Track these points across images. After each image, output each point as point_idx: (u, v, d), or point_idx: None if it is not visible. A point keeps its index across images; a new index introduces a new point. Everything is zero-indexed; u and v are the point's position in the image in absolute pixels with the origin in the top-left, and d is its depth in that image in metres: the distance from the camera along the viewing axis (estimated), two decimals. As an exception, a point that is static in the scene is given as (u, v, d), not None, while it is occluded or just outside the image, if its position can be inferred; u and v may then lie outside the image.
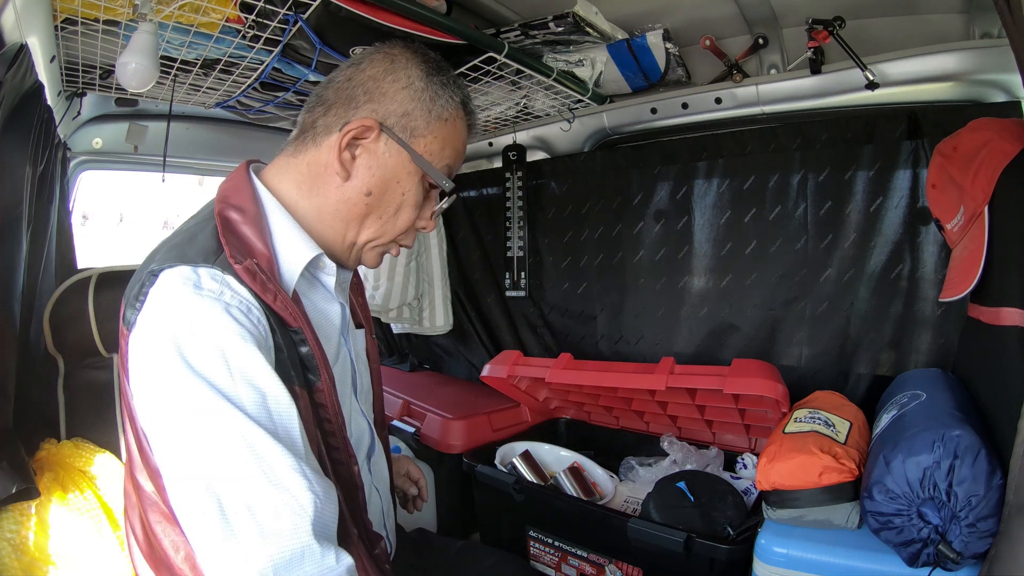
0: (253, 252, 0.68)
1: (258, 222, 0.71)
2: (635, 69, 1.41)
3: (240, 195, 0.73)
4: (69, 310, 1.14)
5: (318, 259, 0.76)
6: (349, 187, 0.76)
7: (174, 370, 0.60)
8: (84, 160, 1.62)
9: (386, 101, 0.76)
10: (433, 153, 0.78)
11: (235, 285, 0.64)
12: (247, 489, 0.57)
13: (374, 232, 0.79)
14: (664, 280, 1.64)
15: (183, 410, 0.59)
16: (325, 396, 0.71)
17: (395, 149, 0.76)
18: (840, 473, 0.93)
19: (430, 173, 0.78)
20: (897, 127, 1.27)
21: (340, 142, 0.75)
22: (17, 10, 0.85)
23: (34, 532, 0.86)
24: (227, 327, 0.61)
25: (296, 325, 0.69)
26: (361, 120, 0.75)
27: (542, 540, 1.26)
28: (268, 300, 0.66)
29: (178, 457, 0.60)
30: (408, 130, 0.76)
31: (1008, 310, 0.86)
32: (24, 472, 0.86)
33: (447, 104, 0.78)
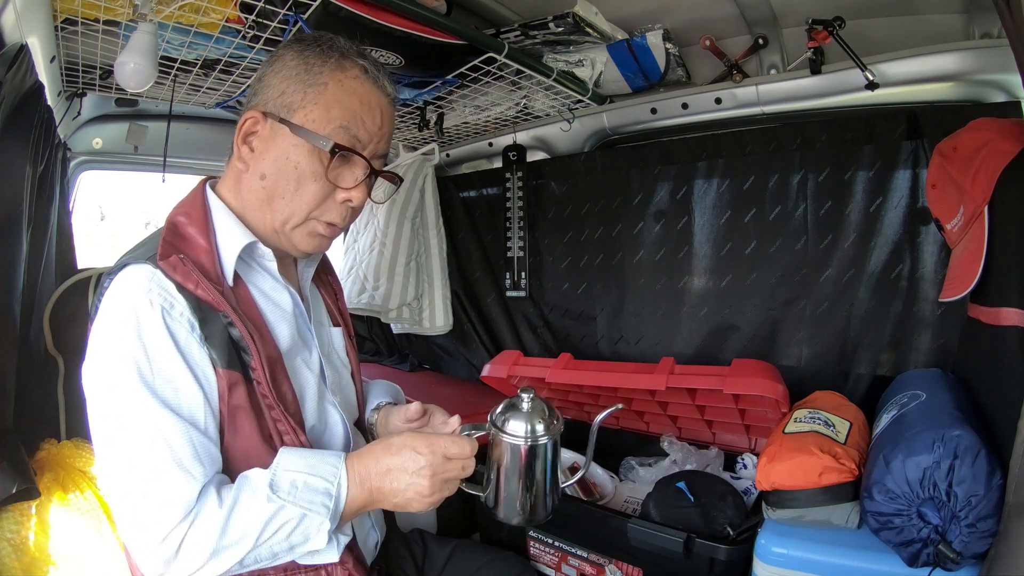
0: (193, 247, 0.76)
1: (202, 222, 0.79)
2: (635, 69, 1.41)
3: (190, 204, 0.81)
4: (69, 310, 1.14)
5: (253, 246, 0.81)
6: (249, 176, 0.81)
7: (102, 360, 0.71)
8: (84, 160, 1.62)
9: (267, 91, 0.79)
10: (317, 120, 0.77)
11: (161, 279, 0.72)
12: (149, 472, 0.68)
13: (285, 213, 0.80)
14: (664, 280, 1.64)
15: (106, 387, 0.70)
16: (259, 373, 0.76)
17: (278, 129, 0.78)
18: (840, 473, 0.93)
19: (307, 137, 0.77)
20: (897, 127, 1.27)
21: (236, 140, 0.81)
22: (17, 10, 0.85)
23: (34, 532, 0.86)
24: (150, 318, 0.70)
25: (221, 309, 0.74)
26: (246, 115, 0.79)
27: (542, 540, 1.26)
28: (190, 288, 0.73)
29: (99, 428, 0.70)
30: (286, 107, 0.78)
31: (1008, 310, 0.86)
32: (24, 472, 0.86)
33: (322, 69, 0.78)
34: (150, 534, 0.67)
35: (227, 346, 0.74)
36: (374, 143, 0.82)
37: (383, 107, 0.82)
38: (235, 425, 0.76)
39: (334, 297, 1.02)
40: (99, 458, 0.71)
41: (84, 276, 1.18)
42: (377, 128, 0.81)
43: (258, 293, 0.82)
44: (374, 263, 1.96)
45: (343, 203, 0.82)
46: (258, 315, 0.80)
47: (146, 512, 0.68)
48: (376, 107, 0.81)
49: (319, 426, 0.86)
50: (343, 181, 0.81)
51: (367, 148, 0.81)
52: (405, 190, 1.93)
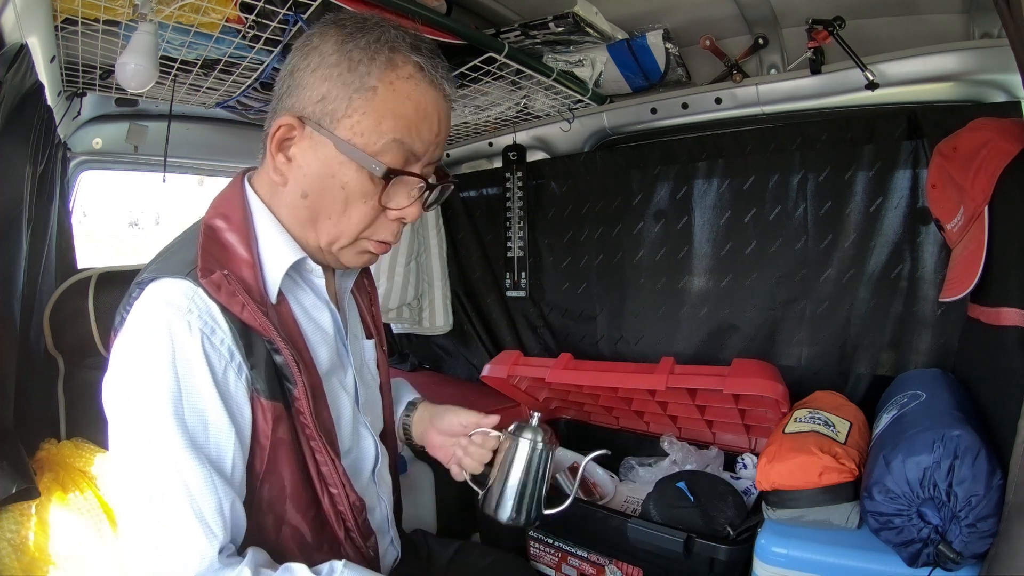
0: (234, 259, 0.68)
1: (243, 229, 0.70)
2: (635, 69, 1.41)
3: (229, 203, 0.72)
4: (69, 310, 1.14)
5: (302, 262, 0.74)
6: (288, 192, 0.71)
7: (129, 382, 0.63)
8: (84, 160, 1.62)
9: (302, 91, 0.68)
10: (366, 132, 0.67)
11: (203, 300, 0.64)
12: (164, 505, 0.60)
13: (332, 234, 0.72)
14: (664, 280, 1.64)
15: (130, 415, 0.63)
16: (302, 403, 0.69)
17: (320, 141, 0.68)
18: (840, 473, 0.93)
19: (355, 157, 0.67)
20: (897, 127, 1.27)
21: (271, 148, 0.70)
22: (17, 10, 0.85)
23: (34, 532, 0.86)
24: (186, 348, 0.63)
25: (267, 336, 0.67)
26: (280, 120, 0.69)
27: (542, 540, 1.26)
28: (235, 311, 0.65)
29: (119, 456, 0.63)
30: (328, 115, 0.67)
31: (1008, 310, 0.86)
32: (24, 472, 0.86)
33: (369, 69, 0.66)
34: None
35: (271, 375, 0.67)
36: (430, 152, 0.72)
37: (441, 111, 0.71)
38: (275, 460, 0.69)
39: (369, 304, 0.95)
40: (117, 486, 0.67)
41: (84, 276, 1.18)
42: (434, 136, 0.71)
43: (300, 312, 0.75)
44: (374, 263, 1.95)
45: (396, 220, 0.73)
46: (300, 337, 0.72)
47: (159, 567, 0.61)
48: (434, 112, 0.70)
49: (353, 451, 0.82)
50: (396, 201, 0.72)
51: (422, 160, 0.71)
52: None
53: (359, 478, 0.83)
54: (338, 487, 0.73)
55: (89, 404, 1.15)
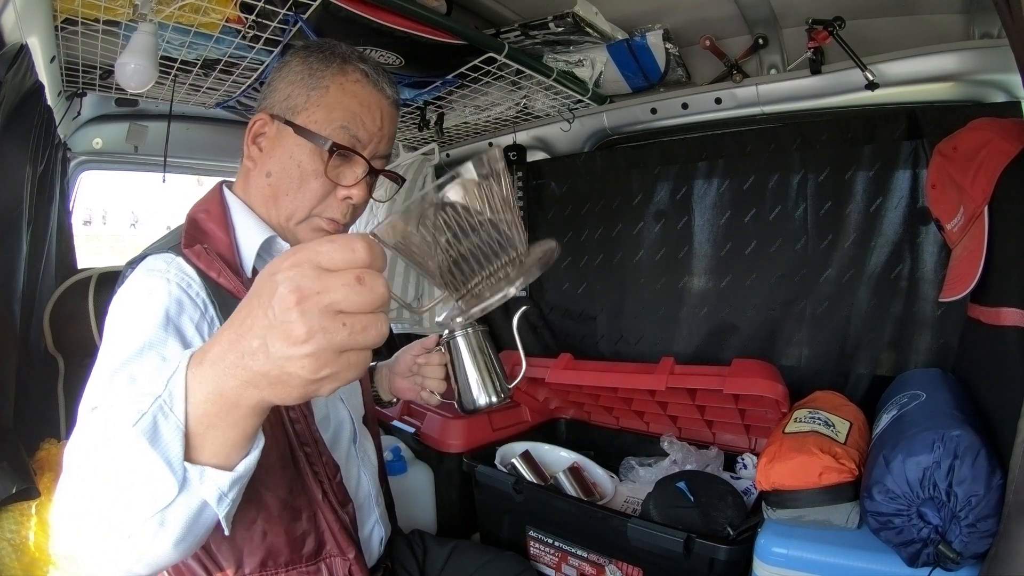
0: (213, 239, 0.79)
1: (221, 219, 0.82)
2: (635, 69, 1.41)
3: (208, 201, 0.85)
4: (69, 310, 1.14)
5: (272, 241, 0.84)
6: (256, 173, 0.84)
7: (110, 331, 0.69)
8: (84, 160, 1.62)
9: (274, 95, 0.84)
10: (319, 121, 0.81)
11: (182, 265, 0.74)
12: None
13: (289, 209, 0.83)
14: (664, 280, 1.64)
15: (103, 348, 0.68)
16: None
17: (283, 130, 0.82)
18: (840, 473, 0.93)
19: (309, 138, 0.81)
20: (897, 127, 1.27)
21: (246, 140, 0.85)
22: (17, 10, 0.85)
23: (34, 532, 0.86)
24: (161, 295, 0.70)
25: (240, 297, 0.74)
26: (255, 117, 0.84)
27: (542, 540, 1.26)
28: (212, 275, 0.75)
29: None
30: (290, 110, 0.82)
31: (1008, 310, 0.86)
32: (24, 472, 0.86)
33: (324, 73, 0.82)
34: None
35: None
36: (374, 143, 0.84)
37: (383, 109, 0.84)
38: None
39: None
40: None
41: (84, 276, 1.18)
42: (377, 129, 0.83)
43: None
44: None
45: (344, 200, 0.84)
46: None
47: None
48: (376, 108, 0.83)
49: (330, 419, 0.88)
50: (344, 179, 0.83)
51: (367, 148, 0.83)
52: (405, 190, 1.93)
53: (337, 446, 0.88)
54: (311, 445, 0.79)
55: (89, 404, 1.15)
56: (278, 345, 0.40)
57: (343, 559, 0.80)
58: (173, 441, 0.44)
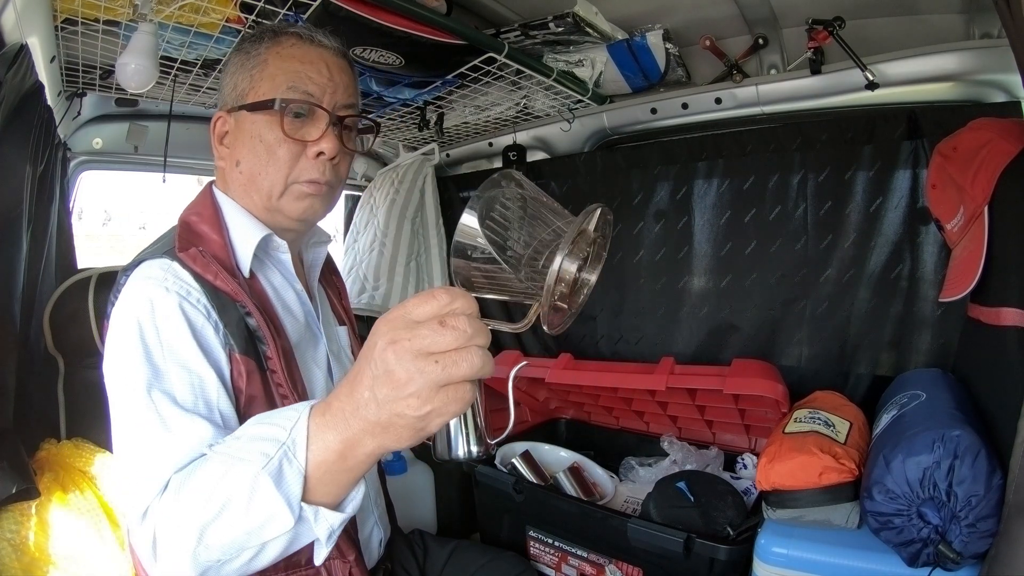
0: (207, 242, 0.78)
1: (214, 220, 0.80)
2: (635, 69, 1.41)
3: (199, 204, 0.84)
4: (69, 310, 1.14)
5: (269, 239, 0.83)
6: (229, 170, 0.84)
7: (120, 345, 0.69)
8: (84, 160, 1.62)
9: (224, 92, 0.84)
10: (266, 92, 0.79)
11: (178, 270, 0.73)
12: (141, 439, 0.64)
13: (267, 186, 0.81)
14: (664, 280, 1.64)
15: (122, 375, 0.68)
16: (275, 363, 0.76)
17: (240, 116, 0.82)
18: (840, 473, 0.93)
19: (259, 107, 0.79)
20: (897, 127, 1.27)
21: (213, 143, 0.85)
22: (17, 10, 0.85)
23: (34, 532, 0.86)
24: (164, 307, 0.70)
25: (239, 299, 0.75)
26: (214, 119, 0.84)
27: (542, 540, 1.26)
28: (209, 278, 0.74)
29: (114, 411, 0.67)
30: (239, 96, 0.82)
31: (1008, 310, 0.86)
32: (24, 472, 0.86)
33: (259, 50, 0.81)
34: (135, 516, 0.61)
35: (244, 334, 0.75)
36: (329, 94, 0.81)
37: (327, 59, 0.82)
38: (249, 414, 0.72)
39: (339, 296, 1.04)
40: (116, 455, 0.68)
41: (84, 276, 1.18)
42: (327, 79, 0.81)
43: (269, 288, 0.84)
44: (374, 263, 1.96)
45: (317, 157, 0.81)
46: (271, 308, 0.82)
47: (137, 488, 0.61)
48: (319, 60, 0.81)
49: None
50: (309, 135, 0.80)
51: (323, 99, 0.81)
52: (405, 190, 1.93)
53: None
54: None
55: (89, 404, 1.15)
56: (384, 391, 0.47)
57: (343, 561, 0.80)
58: (295, 484, 0.51)
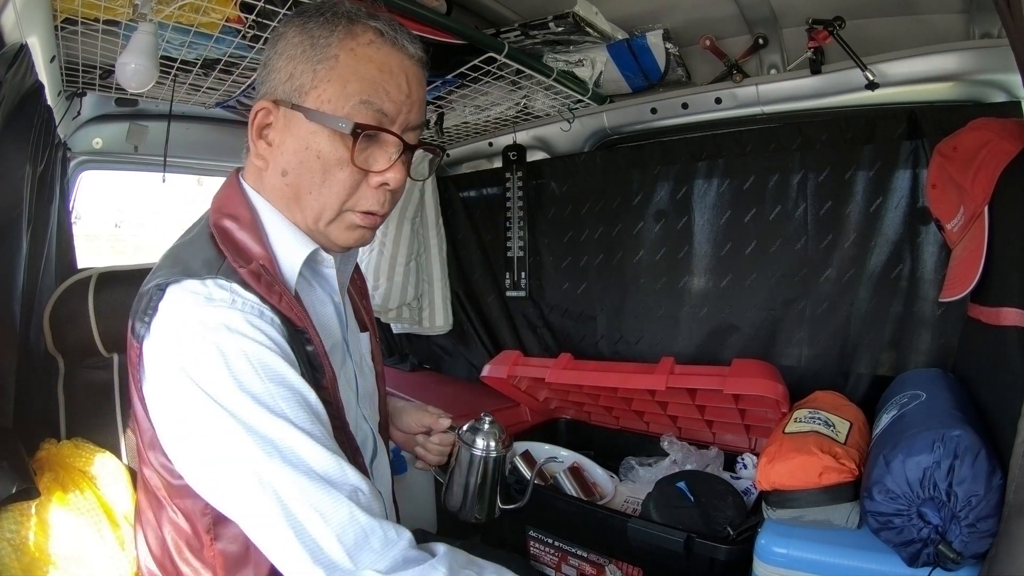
0: (253, 256, 0.68)
1: (254, 227, 0.70)
2: (635, 69, 1.41)
3: (233, 203, 0.72)
4: (69, 310, 1.14)
5: (315, 254, 0.74)
6: (270, 175, 0.72)
7: (205, 379, 0.60)
8: (84, 160, 1.62)
9: (273, 75, 0.70)
10: (333, 98, 0.67)
11: (242, 292, 0.64)
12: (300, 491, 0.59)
13: (316, 209, 0.71)
14: (664, 280, 1.64)
15: (219, 419, 0.60)
16: (330, 393, 0.71)
17: (292, 116, 0.69)
18: (840, 473, 0.93)
19: (325, 122, 0.67)
20: (897, 127, 1.27)
21: (251, 135, 0.71)
22: (17, 10, 0.85)
23: (34, 532, 0.86)
24: (247, 333, 0.62)
25: (301, 325, 0.68)
26: (256, 106, 0.70)
27: (542, 540, 1.26)
28: (274, 301, 0.65)
29: (230, 467, 0.60)
30: (296, 91, 0.68)
31: (1008, 310, 0.86)
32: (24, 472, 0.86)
33: (329, 41, 0.67)
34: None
35: (305, 364, 0.68)
36: (404, 114, 0.70)
37: (408, 70, 0.70)
38: None
39: (361, 298, 0.97)
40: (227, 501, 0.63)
41: (84, 276, 1.18)
42: (405, 96, 0.69)
43: (309, 307, 0.74)
44: (374, 263, 1.96)
45: (379, 188, 0.71)
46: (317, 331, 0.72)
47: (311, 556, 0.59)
48: (400, 72, 0.69)
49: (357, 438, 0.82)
50: (375, 164, 0.70)
51: (396, 121, 0.70)
52: (406, 190, 1.93)
53: None
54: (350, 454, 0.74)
55: (89, 404, 1.15)
56: None
57: None
58: None
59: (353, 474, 0.63)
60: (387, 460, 0.96)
